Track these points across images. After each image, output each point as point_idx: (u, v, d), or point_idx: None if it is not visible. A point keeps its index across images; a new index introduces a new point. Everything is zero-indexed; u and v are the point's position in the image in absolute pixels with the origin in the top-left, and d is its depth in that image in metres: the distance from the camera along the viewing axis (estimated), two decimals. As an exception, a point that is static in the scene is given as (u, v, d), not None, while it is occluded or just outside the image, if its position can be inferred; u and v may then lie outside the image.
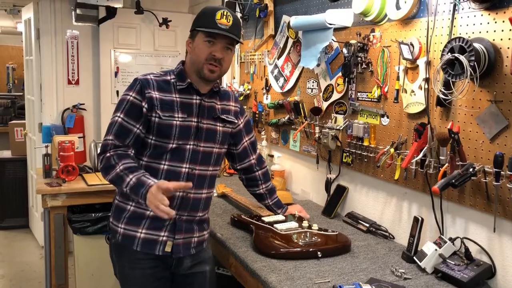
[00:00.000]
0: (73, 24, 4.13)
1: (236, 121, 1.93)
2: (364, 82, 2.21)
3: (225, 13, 1.70)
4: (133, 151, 1.75)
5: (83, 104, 4.22)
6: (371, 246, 1.99)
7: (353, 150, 2.26)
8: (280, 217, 2.17)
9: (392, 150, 1.97)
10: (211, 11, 1.71)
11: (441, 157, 1.76)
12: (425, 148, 1.81)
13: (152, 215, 1.73)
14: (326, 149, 2.47)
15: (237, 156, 2.04)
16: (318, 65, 2.48)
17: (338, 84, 2.39)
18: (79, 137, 4.06)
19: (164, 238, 1.77)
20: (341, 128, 2.33)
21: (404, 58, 1.89)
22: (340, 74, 2.36)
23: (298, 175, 2.85)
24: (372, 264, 1.80)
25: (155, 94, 1.71)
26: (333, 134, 2.36)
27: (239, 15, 3.35)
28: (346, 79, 2.23)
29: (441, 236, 1.79)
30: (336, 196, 2.42)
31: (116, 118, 1.72)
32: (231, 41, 1.73)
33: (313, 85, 2.62)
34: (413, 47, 1.89)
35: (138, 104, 1.70)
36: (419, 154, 1.82)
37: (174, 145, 1.73)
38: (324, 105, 2.50)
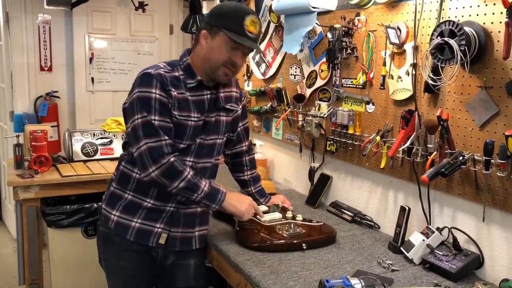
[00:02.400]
0: (44, 7, 3.92)
1: (237, 107, 1.86)
2: (349, 68, 2.15)
3: (255, 21, 1.62)
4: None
5: (57, 91, 4.06)
6: (356, 237, 1.94)
7: (338, 138, 2.20)
8: (263, 207, 2.10)
9: (378, 138, 1.91)
10: (241, 14, 1.61)
11: (429, 145, 1.71)
12: (412, 136, 1.76)
13: (150, 206, 1.70)
14: (309, 137, 2.40)
15: (231, 141, 1.97)
16: (301, 50, 2.40)
17: (322, 70, 2.31)
18: (52, 126, 3.91)
19: (159, 229, 1.72)
20: (325, 116, 2.27)
21: (391, 43, 1.83)
22: (324, 59, 2.29)
23: (281, 164, 2.78)
24: (358, 255, 1.75)
25: (174, 92, 1.63)
26: (317, 122, 2.29)
27: (218, -1, 3.24)
28: (331, 65, 2.16)
29: (429, 226, 1.75)
30: (320, 185, 2.36)
31: (152, 121, 1.59)
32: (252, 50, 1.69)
33: (296, 72, 2.55)
34: (400, 31, 1.82)
35: (166, 102, 1.61)
36: (406, 142, 1.77)
37: (184, 145, 1.67)
38: (308, 92, 2.43)
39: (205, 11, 3.25)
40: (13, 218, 3.96)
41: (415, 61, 1.78)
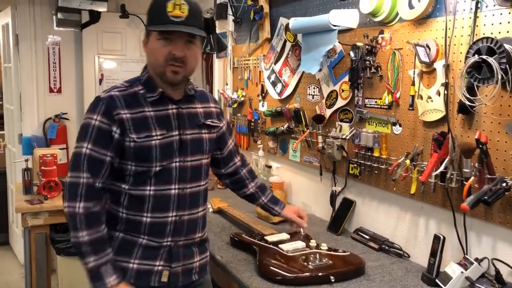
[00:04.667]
0: (54, 29, 3.92)
1: (220, 124, 1.72)
2: (373, 88, 2.05)
3: (177, 3, 1.44)
4: (106, 200, 1.52)
5: (66, 113, 4.00)
6: (385, 267, 1.82)
7: (361, 161, 2.09)
8: (284, 235, 1.99)
9: (407, 161, 1.80)
10: (161, 2, 1.44)
11: (464, 170, 1.60)
12: (446, 160, 1.65)
13: (145, 242, 1.55)
14: (330, 160, 2.30)
15: (222, 160, 1.83)
16: (320, 70, 2.31)
17: (343, 90, 2.22)
18: (61, 149, 3.84)
19: (160, 267, 1.56)
20: (347, 138, 2.16)
21: (421, 62, 1.73)
22: (345, 79, 2.19)
23: (299, 187, 2.67)
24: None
25: (125, 114, 1.46)
26: (339, 143, 2.19)
27: (231, 18, 3.18)
28: (354, 84, 2.06)
29: (466, 256, 1.62)
30: (343, 210, 2.24)
31: (83, 150, 1.45)
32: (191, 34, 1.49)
33: (314, 91, 2.45)
34: (429, 49, 1.73)
35: (106, 129, 1.45)
36: (440, 166, 1.66)
37: (157, 168, 1.50)
38: (327, 112, 2.33)
39: (218, 29, 3.18)
40: (20, 243, 3.86)
41: (446, 81, 1.68)
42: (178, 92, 1.56)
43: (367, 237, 2.06)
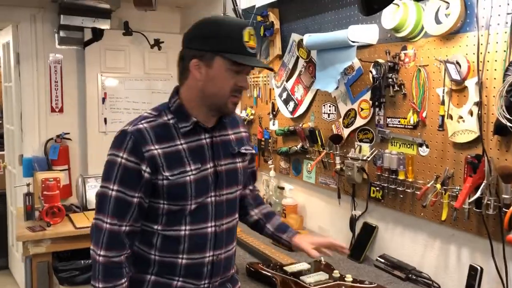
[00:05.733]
0: (56, 47, 3.81)
1: (251, 150, 1.58)
2: (395, 107, 1.94)
3: (251, 32, 1.34)
4: (134, 242, 1.39)
5: (68, 133, 3.88)
6: (416, 299, 1.69)
7: (385, 184, 1.97)
8: (305, 265, 1.87)
9: (438, 186, 1.68)
10: (236, 29, 1.32)
11: (504, 196, 1.48)
12: (483, 185, 1.53)
13: (180, 285, 1.41)
14: (349, 182, 2.18)
15: None
16: (336, 87, 2.20)
17: (362, 109, 2.11)
18: (63, 170, 3.72)
19: None
20: (368, 159, 2.05)
21: (451, 80, 1.62)
22: (363, 97, 2.09)
23: (315, 210, 2.54)
24: (426, 326, 1.49)
25: (156, 150, 1.32)
26: (359, 165, 2.07)
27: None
28: (376, 103, 1.95)
29: (507, 290, 1.50)
30: (364, 236, 2.12)
31: (109, 191, 1.33)
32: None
33: (330, 110, 2.34)
34: (459, 66, 1.62)
35: (134, 168, 1.31)
36: (475, 191, 1.54)
37: (193, 206, 1.37)
38: (345, 132, 2.22)
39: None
40: (20, 267, 3.71)
41: (480, 99, 1.57)
42: (212, 119, 1.43)
43: (392, 265, 1.93)
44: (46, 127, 3.85)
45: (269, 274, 1.80)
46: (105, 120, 3.90)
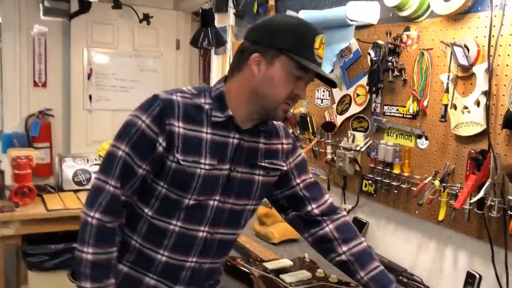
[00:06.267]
0: (40, 18, 3.60)
1: (283, 166, 1.35)
2: (394, 93, 1.77)
3: (323, 41, 1.20)
4: (123, 220, 1.24)
5: (51, 109, 3.69)
6: (406, 305, 1.54)
7: (378, 178, 1.81)
8: (287, 261, 1.71)
9: (437, 182, 1.52)
10: (309, 34, 1.17)
11: (510, 197, 1.32)
12: (487, 183, 1.37)
13: (153, 284, 1.27)
14: (340, 174, 2.02)
15: (283, 201, 1.41)
16: (332, 70, 2.03)
17: (358, 95, 1.94)
18: (45, 147, 3.55)
19: None
20: (361, 149, 1.88)
21: (458, 65, 1.45)
22: (360, 82, 1.92)
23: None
24: (415, 337, 1.35)
25: (178, 128, 1.19)
26: (351, 156, 1.91)
27: (232, 11, 2.89)
28: (373, 88, 1.78)
29: (507, 301, 1.35)
30: (353, 232, 1.96)
31: (119, 152, 1.19)
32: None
33: (323, 95, 2.18)
34: (468, 50, 1.45)
35: (151, 138, 1.19)
36: (478, 191, 1.38)
37: (191, 202, 1.22)
38: (338, 119, 2.05)
39: (217, 24, 2.89)
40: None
41: (489, 88, 1.40)
42: (250, 122, 1.25)
43: (382, 265, 1.78)
44: (28, 102, 3.66)
45: (247, 270, 1.65)
46: (90, 97, 3.71)
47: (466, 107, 1.47)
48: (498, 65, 1.39)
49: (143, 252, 1.26)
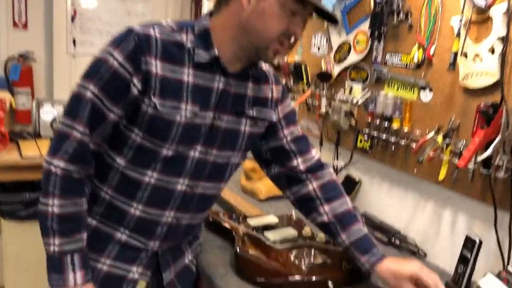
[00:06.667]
0: (21, -49, 3.35)
1: (272, 115, 1.22)
2: (398, 39, 1.60)
3: None
4: (92, 170, 1.10)
5: (32, 52, 3.49)
6: (397, 269, 1.43)
7: (375, 133, 1.67)
8: (272, 218, 1.59)
9: (439, 138, 1.38)
10: None
11: (521, 156, 1.19)
12: (496, 141, 1.23)
13: (124, 239, 1.16)
14: (334, 128, 1.87)
15: (267, 156, 1.29)
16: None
17: (358, 42, 1.77)
18: (25, 93, 3.37)
19: (136, 275, 1.18)
20: (358, 102, 1.73)
21: (474, 6, 1.28)
22: (361, 27, 1.74)
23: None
24: (406, 303, 1.24)
25: (156, 68, 1.03)
26: (347, 109, 1.76)
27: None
28: (375, 33, 1.61)
29: (508, 269, 1.24)
30: (345, 190, 1.83)
31: (87, 93, 1.03)
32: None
33: (321, 42, 2.00)
34: (485, -12, 1.28)
35: (124, 78, 1.02)
36: (485, 148, 1.25)
37: (170, 152, 1.08)
38: (336, 69, 1.89)
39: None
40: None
41: (506, 34, 1.24)
42: (238, 64, 1.10)
43: (374, 225, 1.67)
44: (8, 43, 3.44)
45: (229, 226, 1.53)
46: (74, 41, 3.51)
47: (478, 55, 1.31)
48: (519, 7, 1.23)
49: (114, 204, 1.14)
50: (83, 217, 1.10)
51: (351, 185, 1.83)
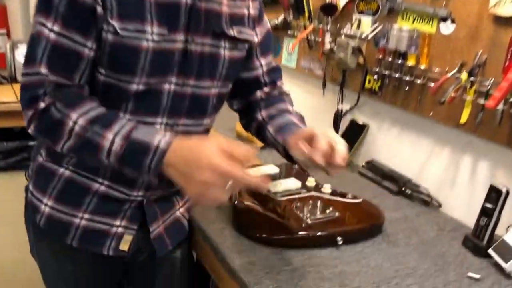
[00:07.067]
0: None
1: (252, 36, 1.04)
2: (416, -37, 1.40)
3: None
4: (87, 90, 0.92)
5: (6, -11, 3.22)
6: (410, 221, 1.31)
7: (386, 72, 1.50)
8: (272, 168, 1.44)
9: (464, 76, 1.22)
10: None
11: None
12: (533, 76, 1.07)
13: (103, 190, 1.01)
14: (339, 68, 1.70)
15: (240, 87, 1.13)
16: None
17: (368, -32, 1.56)
18: (1, 35, 3.14)
19: (120, 229, 1.04)
20: (368, 37, 1.55)
21: None
22: (372, -49, 1.53)
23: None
24: (422, 258, 1.12)
25: None
26: (355, 45, 1.58)
27: None
28: (390, -45, 1.40)
29: (538, 221, 1.12)
30: (350, 136, 1.69)
31: (45, 31, 0.85)
32: None
33: (324, -29, 1.78)
34: None
35: (85, 2, 0.84)
36: (520, 86, 1.09)
37: (140, 87, 0.91)
38: (342, 0, 1.68)
39: None
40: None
41: (552, -52, 1.05)
42: None
43: (383, 174, 1.53)
44: (-21, -20, 3.18)
45: (225, 177, 1.38)
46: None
47: (514, -23, 1.12)
48: None
49: None
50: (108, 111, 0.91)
51: (357, 130, 1.68)
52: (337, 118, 1.75)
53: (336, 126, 1.75)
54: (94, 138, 0.86)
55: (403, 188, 1.45)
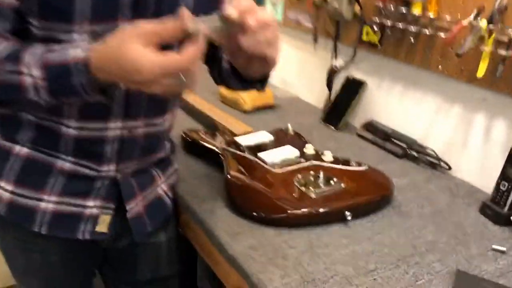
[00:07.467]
0: None
1: None
2: None
3: None
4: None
5: None
6: (419, 187, 1.19)
7: (388, 22, 1.34)
8: (265, 134, 1.31)
9: (483, 24, 1.07)
10: None
11: None
12: None
13: (68, 168, 0.86)
14: (332, 19, 1.53)
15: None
16: None
17: None
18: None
19: (94, 210, 0.90)
20: (365, -17, 1.38)
21: None
22: None
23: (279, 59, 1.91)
24: (438, 230, 1.01)
25: None
26: (351, -7, 1.41)
27: None
28: None
29: None
30: (346, 95, 1.55)
31: None
32: None
33: None
34: None
35: None
36: (551, 33, 0.95)
37: (84, 37, 0.74)
38: None
39: None
40: None
41: None
42: None
43: (384, 136, 1.41)
44: None
45: (214, 147, 1.23)
46: None
47: None
48: None
49: (42, 125, 0.83)
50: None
51: (353, 88, 1.54)
52: (331, 75, 1.59)
53: (329, 84, 1.60)
54: (11, 78, 0.71)
55: (408, 151, 1.33)
